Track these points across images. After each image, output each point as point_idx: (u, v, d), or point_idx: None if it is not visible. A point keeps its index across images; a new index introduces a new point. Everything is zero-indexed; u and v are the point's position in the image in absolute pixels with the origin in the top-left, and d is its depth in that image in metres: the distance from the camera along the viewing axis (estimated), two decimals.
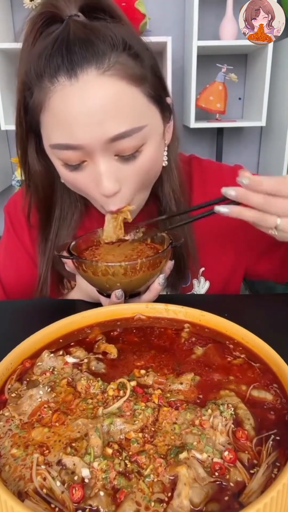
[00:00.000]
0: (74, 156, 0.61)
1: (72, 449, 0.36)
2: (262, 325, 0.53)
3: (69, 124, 0.58)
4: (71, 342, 0.54)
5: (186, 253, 0.80)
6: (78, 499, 0.32)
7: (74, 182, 0.66)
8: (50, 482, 0.34)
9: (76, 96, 0.56)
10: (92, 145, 0.59)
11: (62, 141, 0.60)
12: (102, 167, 0.61)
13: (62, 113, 0.58)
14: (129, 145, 0.60)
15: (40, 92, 0.59)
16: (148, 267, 0.61)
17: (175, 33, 2.07)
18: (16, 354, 0.48)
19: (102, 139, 0.58)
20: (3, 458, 0.37)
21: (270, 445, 0.37)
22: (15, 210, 0.87)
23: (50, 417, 0.40)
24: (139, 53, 0.60)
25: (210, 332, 0.55)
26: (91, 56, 0.56)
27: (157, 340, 0.54)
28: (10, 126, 2.01)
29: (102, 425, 0.38)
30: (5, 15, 2.07)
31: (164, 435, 0.38)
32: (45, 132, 0.63)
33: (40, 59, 0.58)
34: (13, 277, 0.88)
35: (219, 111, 2.03)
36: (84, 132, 0.58)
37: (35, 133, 0.67)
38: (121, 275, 0.60)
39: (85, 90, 0.56)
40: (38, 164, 0.72)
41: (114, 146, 0.60)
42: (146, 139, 0.62)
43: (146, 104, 0.62)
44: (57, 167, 0.67)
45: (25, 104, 0.64)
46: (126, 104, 0.58)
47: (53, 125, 0.60)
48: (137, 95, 0.60)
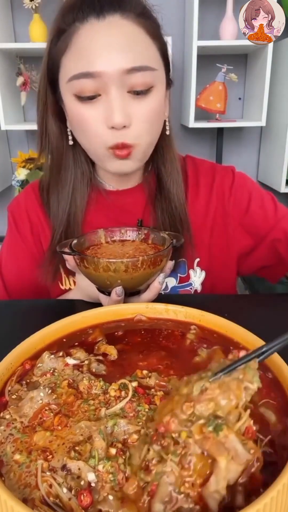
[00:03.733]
0: (90, 85, 0.67)
1: (76, 453, 0.36)
2: (262, 325, 0.53)
3: (92, 53, 0.65)
4: (75, 343, 0.53)
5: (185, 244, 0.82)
6: (87, 504, 0.32)
7: (82, 117, 0.70)
8: (56, 489, 0.33)
9: (101, 29, 0.65)
10: (109, 73, 0.65)
11: (81, 70, 0.66)
12: (115, 99, 0.66)
13: (87, 44, 0.65)
14: (142, 81, 0.67)
15: (68, 34, 0.67)
16: (149, 264, 0.62)
17: (175, 33, 2.07)
18: (16, 355, 0.48)
19: (119, 69, 0.65)
20: (7, 465, 0.36)
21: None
22: (19, 209, 0.88)
23: (52, 420, 0.40)
24: (153, 18, 0.71)
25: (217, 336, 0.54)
26: (118, 7, 0.66)
27: (159, 342, 0.54)
28: (10, 126, 2.01)
29: (106, 426, 0.38)
30: (5, 15, 2.07)
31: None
32: (65, 71, 0.69)
33: (73, 9, 0.67)
34: (15, 276, 0.88)
35: (219, 111, 2.03)
36: (104, 60, 0.65)
37: (52, 85, 0.74)
38: (122, 271, 0.61)
39: (110, 26, 0.65)
40: (54, 123, 0.78)
41: (129, 79, 0.66)
42: (156, 83, 0.69)
43: (157, 55, 0.71)
44: (68, 104, 0.71)
45: (50, 50, 0.70)
46: (143, 45, 0.67)
47: (76, 58, 0.67)
48: (151, 44, 0.69)
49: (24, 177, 2.07)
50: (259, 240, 0.87)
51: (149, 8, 0.71)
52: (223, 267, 0.90)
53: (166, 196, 0.83)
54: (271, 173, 2.25)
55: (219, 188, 0.87)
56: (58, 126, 0.78)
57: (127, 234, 0.77)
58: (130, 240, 0.75)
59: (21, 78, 2.01)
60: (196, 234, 0.86)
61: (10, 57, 2.05)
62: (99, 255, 0.68)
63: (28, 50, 1.95)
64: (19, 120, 2.22)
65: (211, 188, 0.88)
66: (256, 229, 0.87)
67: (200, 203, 0.87)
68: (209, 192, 0.88)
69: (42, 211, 0.87)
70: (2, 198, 2.29)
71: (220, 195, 0.87)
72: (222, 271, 0.90)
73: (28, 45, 1.91)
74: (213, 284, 0.89)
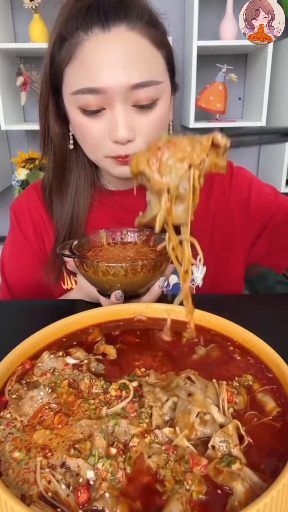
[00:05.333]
0: (95, 101, 0.66)
1: (75, 451, 0.36)
2: (262, 325, 0.53)
3: (97, 68, 0.64)
4: (74, 342, 0.54)
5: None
6: (84, 501, 0.32)
7: (87, 130, 0.70)
8: (55, 485, 0.33)
9: (106, 43, 0.64)
10: (114, 89, 0.64)
11: (86, 85, 0.65)
12: (119, 113, 0.67)
13: (92, 57, 0.64)
14: (147, 96, 0.67)
15: (71, 44, 0.66)
16: (149, 269, 0.61)
17: (175, 33, 2.05)
18: (16, 354, 0.48)
19: (124, 85, 0.64)
20: (5, 463, 0.36)
21: None
22: (21, 209, 0.89)
23: (52, 418, 0.40)
24: (159, 26, 0.70)
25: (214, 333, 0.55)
26: (124, 16, 0.64)
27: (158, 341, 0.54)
28: (10, 126, 2.01)
29: (107, 425, 0.38)
30: (5, 15, 2.07)
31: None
32: (69, 82, 0.68)
33: (77, 16, 0.65)
34: (18, 276, 0.89)
35: (219, 111, 2.03)
36: (109, 76, 0.64)
37: (54, 92, 0.73)
38: (121, 276, 0.60)
39: (115, 40, 0.64)
40: (56, 126, 0.77)
41: (134, 94, 0.66)
42: (161, 95, 0.69)
43: (163, 66, 0.70)
44: (73, 117, 0.71)
45: (52, 58, 0.70)
46: (148, 58, 0.67)
47: (80, 71, 0.66)
48: (157, 55, 0.69)
49: (24, 177, 2.07)
50: (262, 227, 0.87)
51: (156, 14, 0.70)
52: (226, 261, 0.90)
53: None
54: (271, 173, 2.25)
55: (219, 183, 0.88)
56: (60, 129, 0.78)
57: (128, 235, 0.76)
58: (131, 243, 0.75)
59: (21, 78, 2.01)
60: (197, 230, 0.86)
61: (10, 57, 2.05)
62: (100, 258, 0.68)
63: (28, 50, 1.95)
64: (19, 120, 2.22)
65: (211, 183, 0.88)
66: (258, 217, 0.87)
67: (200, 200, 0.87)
68: (209, 188, 0.88)
69: (45, 211, 0.87)
70: (2, 198, 2.29)
71: (220, 189, 0.88)
72: (225, 265, 0.90)
73: (28, 45, 1.91)
74: (216, 279, 0.89)
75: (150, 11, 0.69)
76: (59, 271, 0.84)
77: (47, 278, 0.83)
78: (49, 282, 0.84)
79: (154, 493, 0.34)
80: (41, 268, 0.84)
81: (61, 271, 0.85)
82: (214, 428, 0.38)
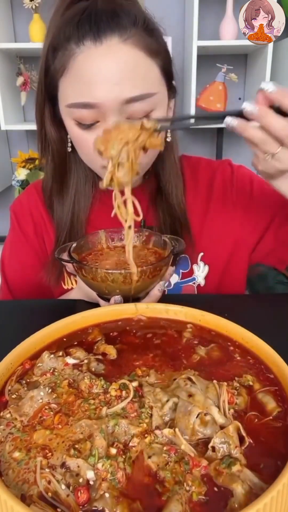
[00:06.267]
0: (89, 115, 0.66)
1: (75, 451, 0.36)
2: (262, 325, 0.53)
3: (90, 83, 0.63)
4: (74, 342, 0.54)
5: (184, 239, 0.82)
6: (83, 501, 0.32)
7: (83, 142, 0.70)
8: (55, 485, 0.33)
9: (99, 57, 0.63)
10: (107, 104, 0.64)
11: (80, 100, 0.65)
12: None
13: (84, 72, 0.63)
14: (141, 109, 0.66)
15: (64, 55, 0.65)
16: (148, 275, 0.61)
17: (175, 33, 2.06)
18: (16, 354, 0.48)
19: (118, 99, 0.63)
20: (5, 463, 0.36)
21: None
22: (22, 209, 0.89)
23: (52, 418, 0.40)
24: (155, 32, 0.68)
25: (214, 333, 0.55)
26: (116, 26, 0.62)
27: (157, 341, 0.54)
28: (10, 126, 2.01)
29: (107, 425, 0.38)
30: (5, 15, 2.07)
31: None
32: (63, 94, 0.68)
33: (69, 25, 0.64)
34: (19, 275, 0.89)
35: (219, 111, 2.03)
36: (102, 91, 0.63)
37: (50, 99, 0.72)
38: (120, 282, 0.60)
39: (108, 53, 0.63)
40: (53, 131, 0.77)
41: (127, 108, 0.65)
42: (155, 106, 0.68)
43: (158, 75, 0.69)
44: (69, 128, 0.71)
45: (46, 67, 0.69)
46: (142, 70, 0.65)
47: (74, 85, 0.65)
48: (151, 65, 0.67)
49: (24, 177, 2.07)
50: (267, 223, 0.86)
51: (150, 19, 0.68)
52: (229, 260, 0.89)
53: (166, 198, 0.84)
54: None
55: (219, 183, 0.88)
56: (58, 134, 0.77)
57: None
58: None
59: (21, 78, 2.01)
60: (198, 231, 0.86)
61: (10, 57, 2.05)
62: (99, 263, 0.68)
63: (28, 50, 1.95)
64: (19, 120, 2.22)
65: (211, 184, 0.88)
66: (263, 212, 0.86)
67: (201, 201, 0.88)
68: (210, 189, 0.88)
69: (46, 210, 0.87)
70: (2, 198, 2.29)
71: (221, 189, 0.88)
72: (228, 265, 0.89)
73: (28, 45, 1.91)
74: (218, 279, 0.89)
75: (145, 17, 0.67)
76: (60, 272, 0.84)
77: (48, 279, 0.83)
78: (49, 283, 0.84)
79: (154, 494, 0.34)
80: (41, 268, 0.84)
81: (61, 272, 0.85)
82: (215, 429, 0.38)
